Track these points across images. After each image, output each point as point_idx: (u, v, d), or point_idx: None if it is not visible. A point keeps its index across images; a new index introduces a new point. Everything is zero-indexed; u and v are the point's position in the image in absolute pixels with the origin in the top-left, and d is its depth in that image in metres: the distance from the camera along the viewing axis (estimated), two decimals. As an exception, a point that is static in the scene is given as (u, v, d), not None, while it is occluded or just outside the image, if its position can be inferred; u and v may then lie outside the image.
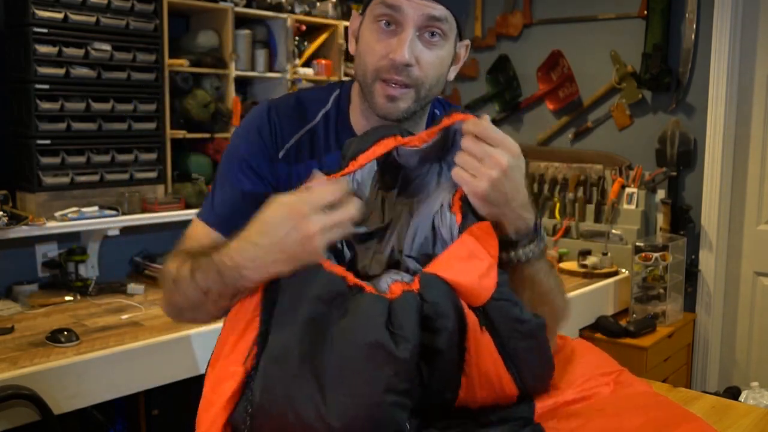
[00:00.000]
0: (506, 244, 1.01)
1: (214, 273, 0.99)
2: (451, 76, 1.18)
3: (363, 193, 1.04)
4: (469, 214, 0.98)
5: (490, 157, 0.96)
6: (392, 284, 0.93)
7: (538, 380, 0.97)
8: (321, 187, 0.95)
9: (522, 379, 0.94)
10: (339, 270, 0.93)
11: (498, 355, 0.91)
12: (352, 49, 1.17)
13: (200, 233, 1.18)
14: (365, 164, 1.03)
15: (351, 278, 0.92)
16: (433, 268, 0.92)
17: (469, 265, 0.91)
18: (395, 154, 1.05)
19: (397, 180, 1.07)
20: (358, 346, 0.84)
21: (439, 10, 1.08)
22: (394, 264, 1.03)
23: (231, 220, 1.11)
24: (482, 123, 0.98)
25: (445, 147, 1.04)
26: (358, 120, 1.19)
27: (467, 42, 1.19)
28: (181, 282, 1.06)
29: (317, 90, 1.26)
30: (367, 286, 0.93)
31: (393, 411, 0.83)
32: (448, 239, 0.99)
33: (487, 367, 0.91)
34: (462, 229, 0.96)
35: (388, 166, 1.06)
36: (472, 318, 0.90)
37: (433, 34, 1.09)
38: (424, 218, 1.03)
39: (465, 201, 0.99)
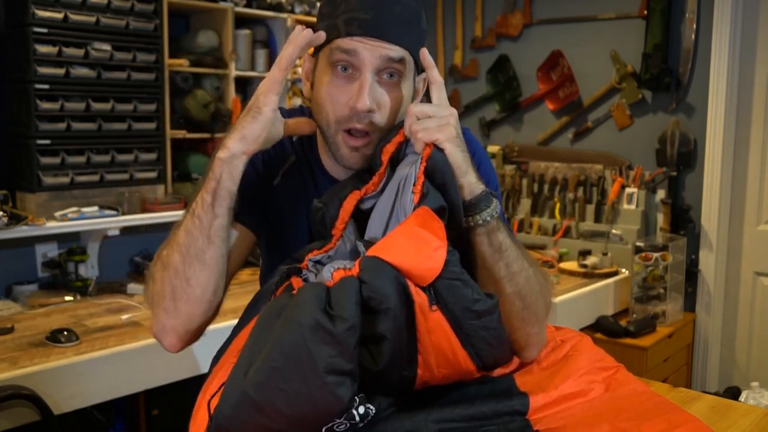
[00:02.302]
0: (468, 209, 1.03)
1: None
2: None
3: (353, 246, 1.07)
4: (429, 193, 0.98)
5: (440, 108, 1.03)
6: (334, 272, 0.95)
7: (494, 357, 0.98)
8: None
9: (480, 356, 0.95)
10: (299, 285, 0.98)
11: (452, 333, 0.92)
12: (306, 91, 1.15)
13: None
14: (343, 228, 1.05)
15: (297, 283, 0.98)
16: (374, 251, 0.94)
17: (411, 247, 0.92)
18: (359, 206, 1.07)
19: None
20: (299, 330, 0.85)
21: (397, 51, 1.06)
22: None
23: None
24: (412, 108, 1.03)
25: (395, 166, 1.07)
26: (326, 159, 1.19)
27: (425, 75, 1.15)
28: (171, 241, 1.05)
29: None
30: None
31: (336, 391, 0.84)
32: (403, 219, 1.00)
33: (441, 345, 0.93)
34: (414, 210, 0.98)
35: (357, 213, 1.08)
36: (419, 297, 0.91)
37: (391, 75, 1.08)
38: (383, 203, 1.05)
39: (426, 179, 1.00)
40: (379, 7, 1.05)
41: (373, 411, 0.90)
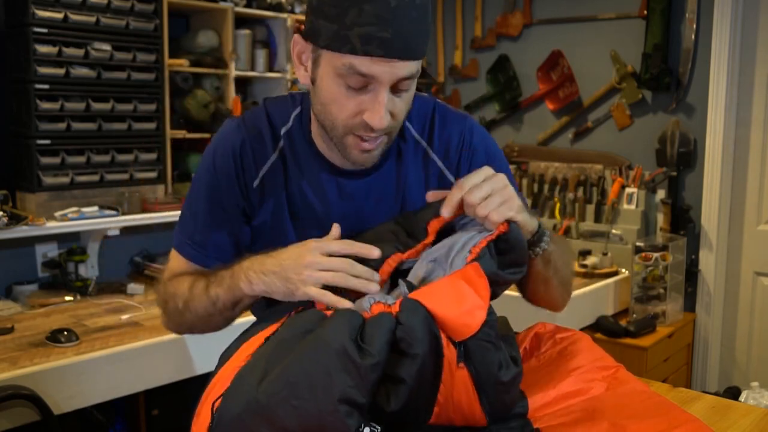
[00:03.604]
0: (528, 245, 1.09)
1: (225, 284, 1.10)
2: None
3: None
4: (484, 257, 0.98)
5: (493, 185, 1.02)
6: (374, 304, 0.95)
7: (504, 411, 0.98)
8: (335, 241, 1.05)
9: (493, 412, 0.95)
10: (325, 310, 0.98)
11: (473, 391, 0.92)
12: (302, 77, 1.11)
13: (184, 266, 1.22)
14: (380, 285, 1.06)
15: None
16: (417, 295, 0.93)
17: (453, 300, 0.91)
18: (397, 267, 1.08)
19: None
20: (325, 352, 0.85)
21: (413, 66, 1.03)
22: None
23: (209, 260, 1.19)
24: (463, 183, 1.03)
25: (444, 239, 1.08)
26: (320, 142, 1.17)
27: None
28: (194, 300, 1.15)
29: (280, 103, 1.21)
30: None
31: (346, 420, 0.84)
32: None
33: (460, 401, 0.92)
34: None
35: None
36: (450, 351, 0.90)
37: (404, 84, 1.05)
38: (438, 251, 1.04)
39: (488, 247, 1.00)
40: (397, 22, 0.98)
41: (378, 430, 0.89)
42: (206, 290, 1.13)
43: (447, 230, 1.09)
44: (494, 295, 1.04)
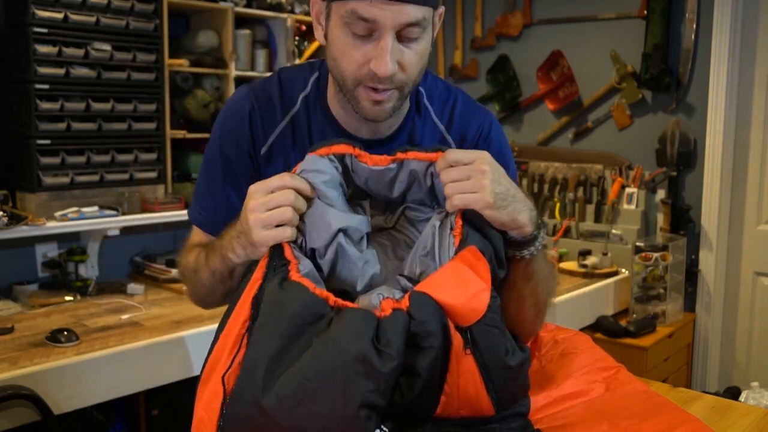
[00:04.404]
0: (513, 244, 1.05)
1: (219, 254, 1.10)
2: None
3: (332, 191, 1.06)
4: (469, 236, 0.98)
5: (474, 171, 0.98)
6: (383, 301, 0.94)
7: (513, 402, 0.98)
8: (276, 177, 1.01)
9: (500, 401, 0.95)
10: (322, 292, 0.94)
11: (480, 379, 0.92)
12: (319, 36, 1.12)
13: (199, 237, 1.24)
14: (321, 155, 1.05)
15: (333, 299, 0.94)
16: (423, 287, 0.93)
17: (458, 286, 0.92)
18: (351, 169, 1.06)
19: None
20: (343, 357, 0.84)
21: (418, 11, 1.02)
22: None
23: (217, 227, 1.16)
24: (448, 154, 1.01)
25: (395, 183, 1.08)
26: (336, 107, 1.17)
27: (441, 10, 1.11)
28: (199, 270, 1.15)
29: (297, 70, 1.22)
30: (352, 305, 0.95)
31: (365, 425, 0.84)
32: (445, 261, 0.99)
33: (467, 389, 0.92)
34: (458, 252, 0.97)
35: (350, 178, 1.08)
36: (457, 339, 0.91)
37: (412, 31, 1.04)
38: (422, 242, 1.04)
39: (466, 223, 0.99)
40: None
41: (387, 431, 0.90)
42: (207, 261, 1.13)
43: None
44: (496, 278, 1.03)
